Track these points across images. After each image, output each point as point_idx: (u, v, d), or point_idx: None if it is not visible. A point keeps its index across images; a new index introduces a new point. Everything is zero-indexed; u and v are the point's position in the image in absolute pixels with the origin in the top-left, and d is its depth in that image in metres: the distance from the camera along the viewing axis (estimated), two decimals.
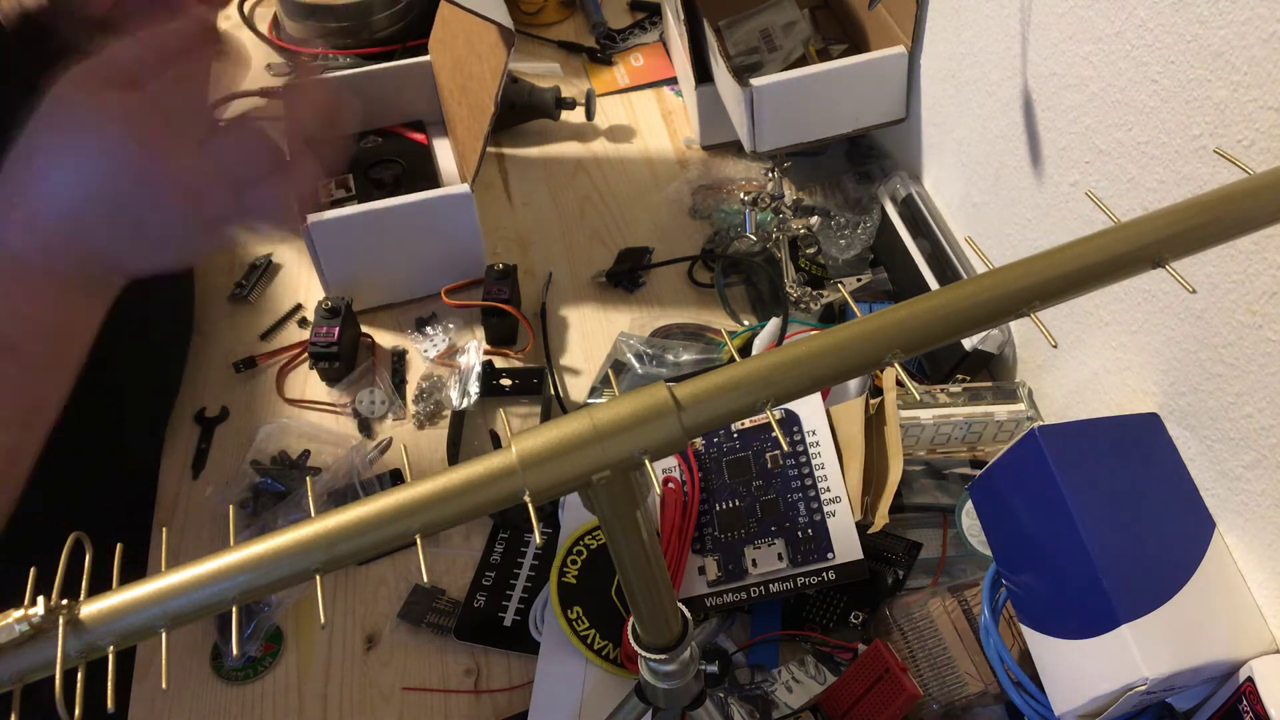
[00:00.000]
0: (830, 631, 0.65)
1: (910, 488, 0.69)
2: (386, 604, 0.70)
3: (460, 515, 0.32)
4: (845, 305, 0.82)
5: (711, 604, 0.64)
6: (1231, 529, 0.55)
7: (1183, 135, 0.52)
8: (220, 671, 0.68)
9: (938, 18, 0.78)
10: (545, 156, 1.00)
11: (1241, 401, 0.52)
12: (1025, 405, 0.71)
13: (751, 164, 0.95)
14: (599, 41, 1.09)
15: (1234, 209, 0.35)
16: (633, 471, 0.35)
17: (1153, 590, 0.52)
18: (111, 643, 0.30)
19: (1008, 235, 0.73)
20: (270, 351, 0.83)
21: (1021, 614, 0.58)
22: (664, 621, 0.43)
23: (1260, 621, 0.53)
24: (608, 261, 0.89)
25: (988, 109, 0.72)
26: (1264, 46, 0.45)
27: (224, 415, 0.80)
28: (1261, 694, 0.49)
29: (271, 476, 0.75)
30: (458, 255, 0.84)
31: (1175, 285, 0.43)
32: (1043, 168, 0.66)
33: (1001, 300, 0.34)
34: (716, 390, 0.33)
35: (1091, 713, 0.53)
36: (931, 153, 0.84)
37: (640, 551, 0.39)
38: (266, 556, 0.31)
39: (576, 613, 0.65)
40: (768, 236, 0.85)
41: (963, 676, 0.60)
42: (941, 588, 0.63)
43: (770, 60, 0.94)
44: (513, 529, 0.72)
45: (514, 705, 0.65)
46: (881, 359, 0.34)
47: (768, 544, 0.64)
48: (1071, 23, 0.59)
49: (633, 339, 0.81)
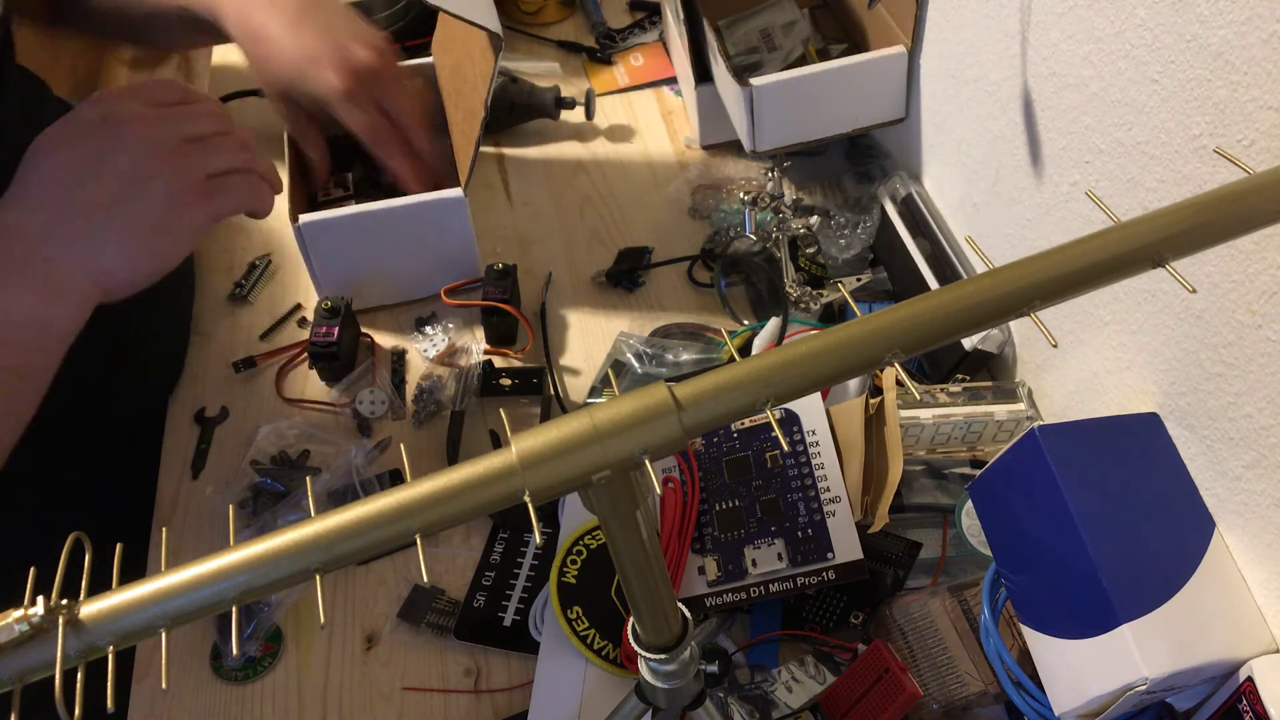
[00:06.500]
0: (830, 631, 0.65)
1: (910, 488, 0.69)
2: (386, 604, 0.70)
3: (460, 515, 0.32)
4: (845, 305, 0.82)
5: (711, 604, 0.64)
6: (1231, 529, 0.55)
7: (1183, 135, 0.52)
8: (220, 671, 0.68)
9: (938, 17, 0.78)
10: (545, 156, 0.99)
11: (1241, 401, 0.52)
12: (1025, 405, 0.71)
13: (751, 164, 0.95)
14: (599, 41, 1.09)
15: (1234, 209, 0.35)
16: (633, 471, 0.35)
17: (1153, 590, 0.52)
18: (111, 643, 0.30)
19: (1008, 235, 0.73)
20: (270, 351, 0.83)
21: (1021, 614, 0.58)
22: (664, 621, 0.43)
23: (1260, 621, 0.53)
24: (607, 261, 0.89)
25: (988, 109, 0.72)
26: (1264, 46, 0.45)
27: (224, 415, 0.80)
28: (1261, 694, 0.49)
29: (271, 476, 0.75)
30: (452, 258, 0.84)
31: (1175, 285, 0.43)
32: (1043, 168, 0.66)
33: (1001, 300, 0.34)
34: (716, 390, 0.33)
35: (1091, 713, 0.53)
36: (931, 153, 0.84)
37: (640, 551, 0.39)
38: (266, 556, 0.31)
39: (576, 613, 0.65)
40: (767, 236, 0.85)
41: (963, 676, 0.60)
42: (941, 588, 0.63)
43: (770, 60, 0.94)
44: (513, 529, 0.72)
45: (514, 705, 0.65)
46: (881, 359, 0.34)
47: (767, 544, 0.64)
48: (1071, 23, 0.59)
49: (633, 339, 0.81)
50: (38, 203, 0.57)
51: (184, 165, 0.60)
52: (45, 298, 0.56)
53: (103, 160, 0.58)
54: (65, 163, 0.58)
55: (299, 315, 0.87)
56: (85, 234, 0.57)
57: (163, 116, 0.60)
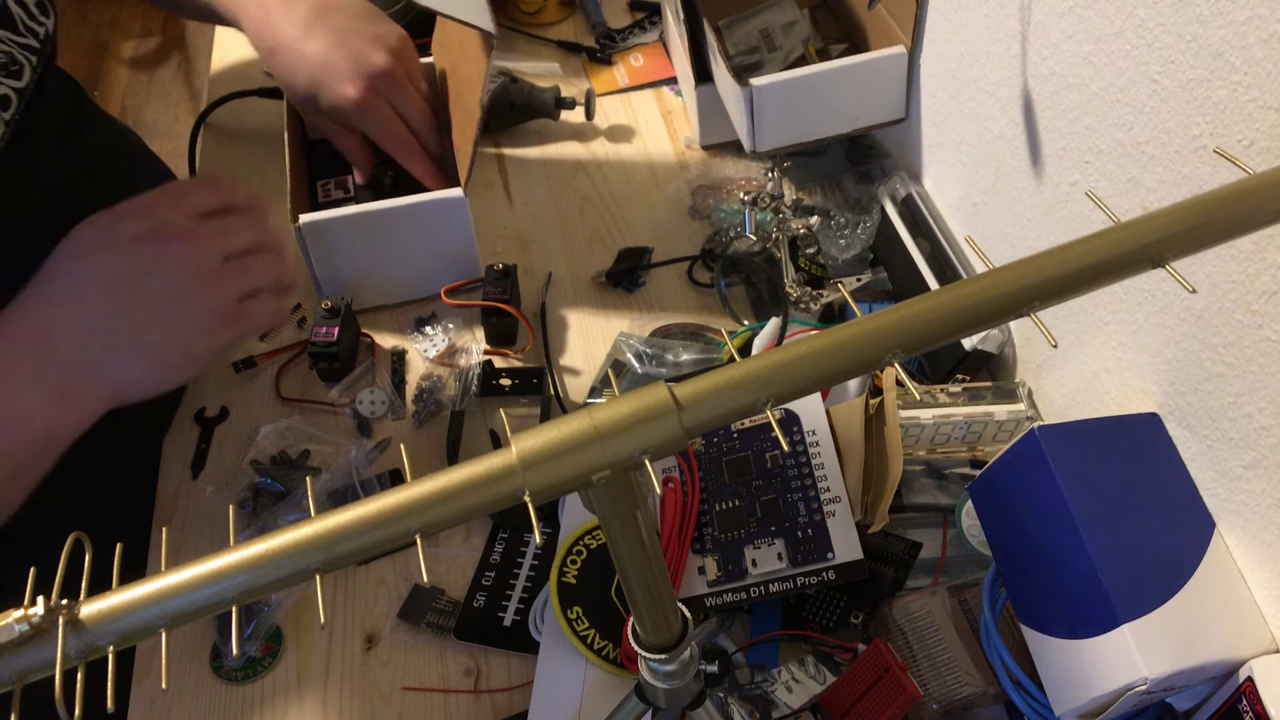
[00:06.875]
0: (830, 631, 0.65)
1: (910, 488, 0.69)
2: (386, 604, 0.70)
3: (460, 515, 0.32)
4: (845, 305, 0.82)
5: (711, 604, 0.64)
6: (1231, 529, 0.55)
7: (1183, 135, 0.52)
8: (220, 671, 0.68)
9: (938, 17, 0.78)
10: (545, 156, 0.99)
11: (1241, 401, 0.52)
12: (1025, 405, 0.71)
13: (751, 164, 0.95)
14: (599, 41, 1.09)
15: (1234, 209, 0.35)
16: (633, 471, 0.35)
17: (1153, 590, 0.52)
18: (111, 643, 0.30)
19: (1008, 235, 0.73)
20: (270, 351, 0.83)
21: (1021, 614, 0.58)
22: (664, 621, 0.43)
23: (1260, 621, 0.53)
24: (607, 261, 0.89)
25: (988, 109, 0.72)
26: (1264, 46, 0.45)
27: (224, 415, 0.80)
28: (1261, 694, 0.49)
29: (271, 476, 0.75)
30: (453, 258, 0.84)
31: (1175, 285, 0.43)
32: (1043, 168, 0.66)
33: (1001, 300, 0.34)
34: (716, 390, 0.33)
35: (1091, 713, 0.53)
36: (931, 152, 0.84)
37: (640, 551, 0.39)
38: (266, 556, 0.31)
39: (576, 613, 0.65)
40: (767, 236, 0.85)
41: (963, 676, 0.60)
42: (941, 588, 0.63)
43: (770, 60, 0.94)
44: (513, 529, 0.72)
45: (514, 705, 0.65)
46: (881, 359, 0.34)
47: (767, 544, 0.64)
48: (1071, 23, 0.59)
49: (633, 339, 0.81)
50: (72, 309, 0.57)
51: (219, 289, 0.60)
52: (59, 406, 0.56)
53: (144, 277, 0.58)
54: (106, 274, 0.57)
55: (299, 315, 0.87)
56: (113, 350, 0.57)
57: (205, 235, 0.60)
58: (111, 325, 0.57)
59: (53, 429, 0.56)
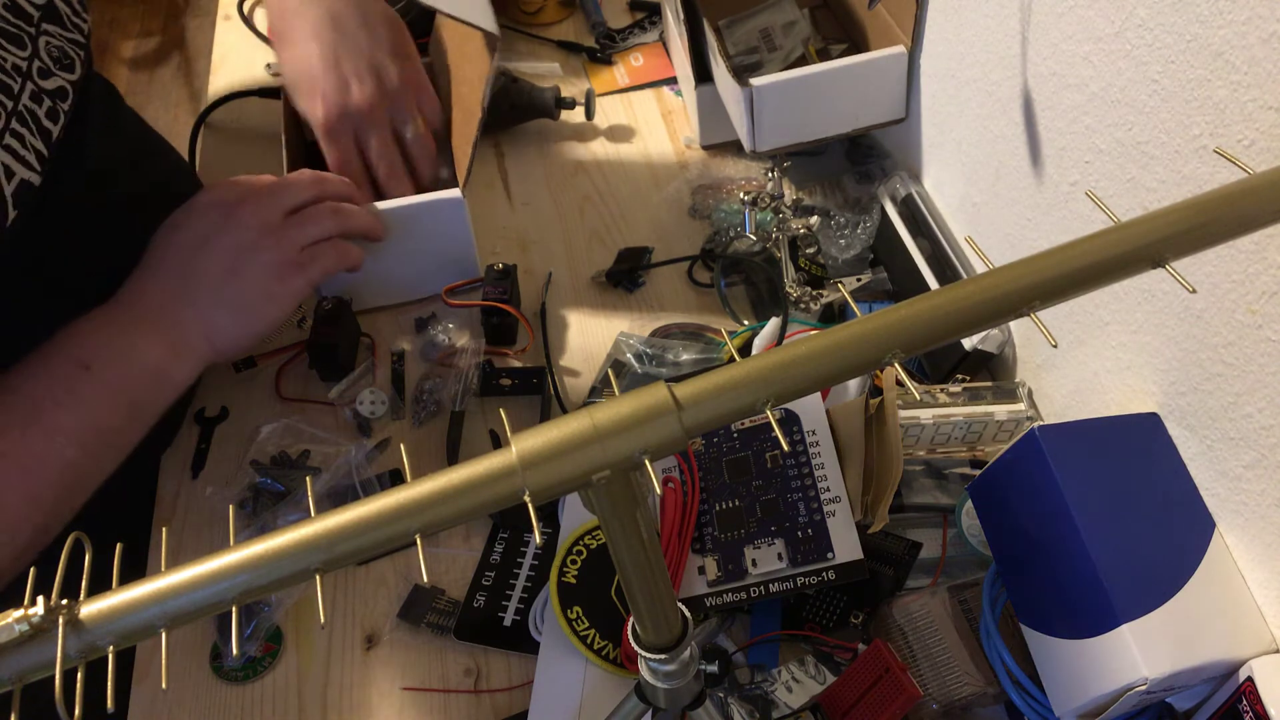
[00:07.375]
0: (830, 631, 0.65)
1: (910, 488, 0.69)
2: (386, 604, 0.70)
3: (460, 515, 0.32)
4: (845, 305, 0.82)
5: (711, 604, 0.64)
6: (1231, 529, 0.55)
7: (1183, 135, 0.52)
8: (220, 671, 0.68)
9: (938, 17, 0.78)
10: (545, 156, 0.99)
11: (1241, 401, 0.52)
12: (1025, 405, 0.71)
13: (751, 164, 0.95)
14: (599, 41, 1.09)
15: (1234, 209, 0.35)
16: (633, 471, 0.34)
17: (1153, 590, 0.52)
18: (111, 643, 0.30)
19: (1008, 235, 0.73)
20: (270, 351, 0.83)
21: (1021, 614, 0.58)
22: (664, 621, 0.43)
23: (1260, 621, 0.53)
24: (607, 261, 0.89)
25: (988, 109, 0.72)
26: (1264, 46, 0.45)
27: (224, 415, 0.80)
28: (1261, 694, 0.49)
29: (271, 476, 0.75)
30: (452, 258, 0.83)
31: (1175, 285, 0.43)
32: (1043, 168, 0.66)
33: (1001, 300, 0.34)
34: (716, 390, 0.33)
35: (1091, 713, 0.53)
36: (931, 152, 0.84)
37: (640, 551, 0.39)
38: (266, 556, 0.31)
39: (576, 613, 0.65)
40: (767, 236, 0.85)
41: (963, 676, 0.60)
42: (941, 588, 0.63)
43: (770, 60, 0.94)
44: (513, 529, 0.72)
45: (514, 705, 0.65)
46: (881, 359, 0.34)
47: (767, 544, 0.64)
48: (1071, 23, 0.59)
49: (633, 339, 0.81)
50: (163, 272, 0.68)
51: (283, 240, 0.70)
52: (170, 349, 0.66)
53: (214, 237, 0.68)
54: (184, 240, 0.69)
55: (299, 315, 0.87)
56: (202, 299, 0.67)
57: (265, 193, 0.71)
58: (194, 279, 0.67)
59: (161, 368, 0.65)
